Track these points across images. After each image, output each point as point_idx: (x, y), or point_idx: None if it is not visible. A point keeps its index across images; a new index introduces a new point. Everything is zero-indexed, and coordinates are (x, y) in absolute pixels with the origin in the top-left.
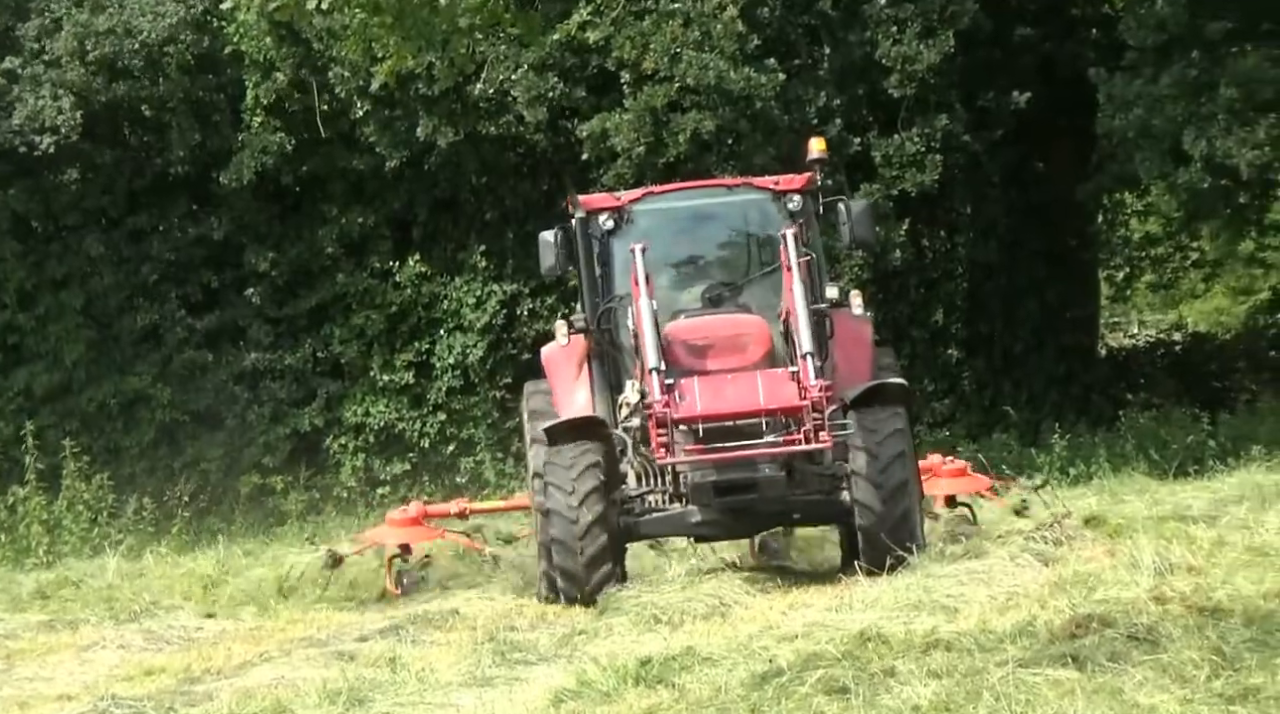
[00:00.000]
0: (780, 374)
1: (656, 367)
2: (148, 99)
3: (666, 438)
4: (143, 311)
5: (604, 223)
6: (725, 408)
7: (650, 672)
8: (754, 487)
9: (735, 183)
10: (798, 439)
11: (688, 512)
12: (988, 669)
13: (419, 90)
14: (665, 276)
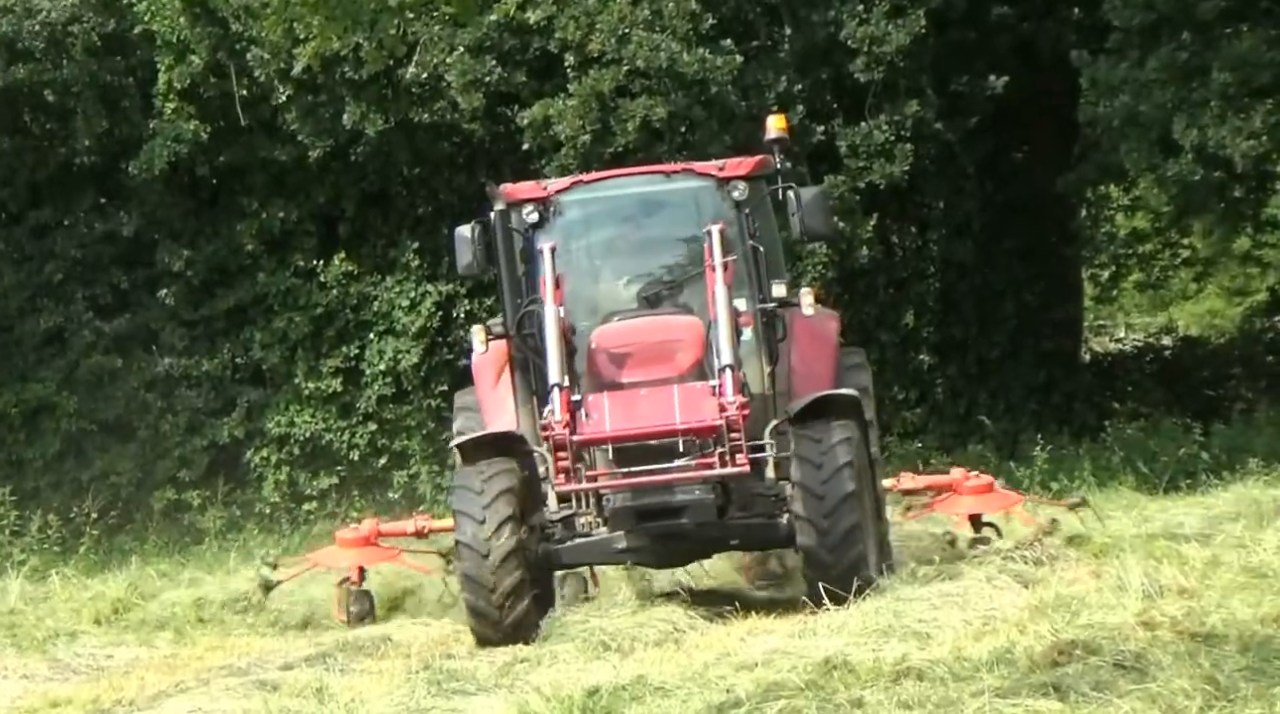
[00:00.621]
0: (700, 389)
1: (558, 383)
2: (50, 83)
3: (567, 462)
4: (47, 313)
5: (528, 215)
6: (636, 427)
7: (598, 703)
8: (681, 511)
9: (675, 169)
10: (713, 461)
11: (613, 538)
12: (963, 700)
13: (345, 74)
14: (597, 275)
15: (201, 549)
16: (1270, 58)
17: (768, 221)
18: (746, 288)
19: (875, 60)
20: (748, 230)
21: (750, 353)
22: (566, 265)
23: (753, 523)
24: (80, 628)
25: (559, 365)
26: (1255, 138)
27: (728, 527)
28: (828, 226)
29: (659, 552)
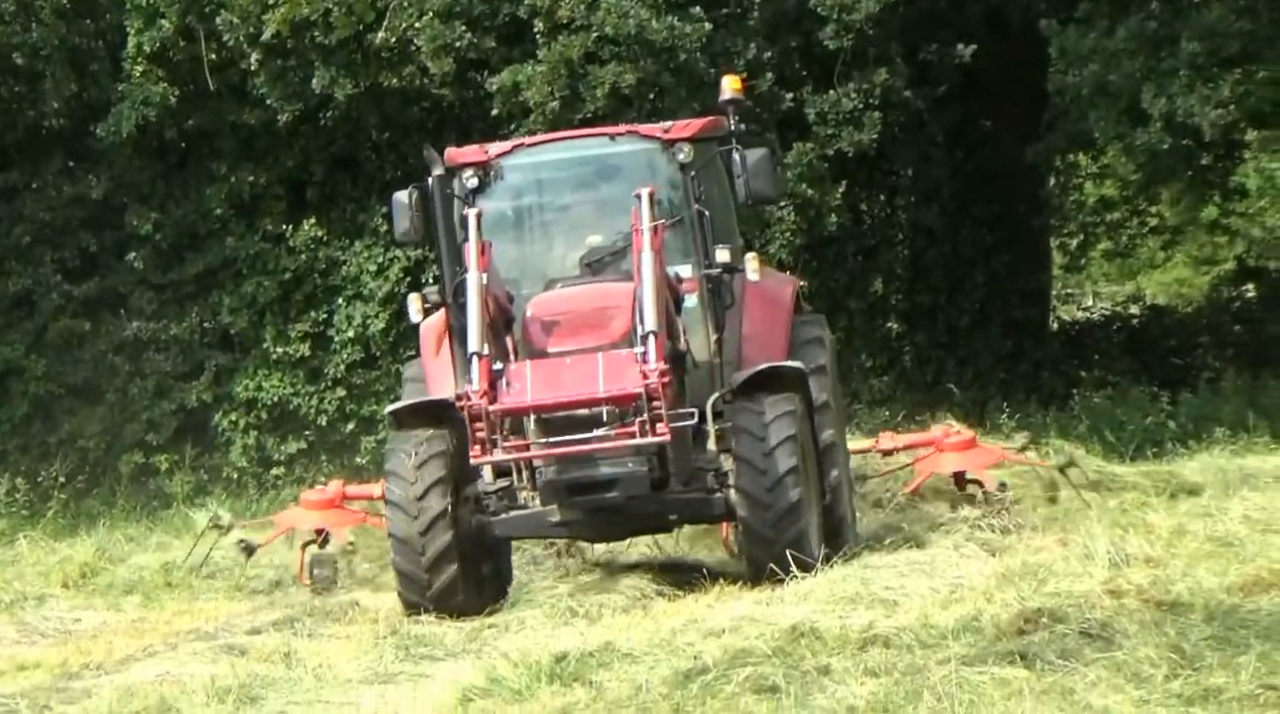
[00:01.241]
0: (625, 356)
1: (477, 351)
2: (19, 46)
3: (484, 433)
4: (14, 277)
5: (467, 180)
6: (558, 396)
7: (565, 669)
8: (612, 484)
9: (619, 131)
10: (632, 431)
11: (547, 511)
12: (929, 667)
13: (315, 39)
14: (539, 241)
15: (169, 513)
16: (1238, 27)
17: (718, 185)
18: (692, 253)
19: (844, 28)
20: (693, 193)
21: (695, 320)
22: (509, 231)
23: (691, 497)
24: (48, 591)
25: (479, 334)
26: (1223, 107)
27: (665, 500)
28: (774, 189)
29: (595, 525)
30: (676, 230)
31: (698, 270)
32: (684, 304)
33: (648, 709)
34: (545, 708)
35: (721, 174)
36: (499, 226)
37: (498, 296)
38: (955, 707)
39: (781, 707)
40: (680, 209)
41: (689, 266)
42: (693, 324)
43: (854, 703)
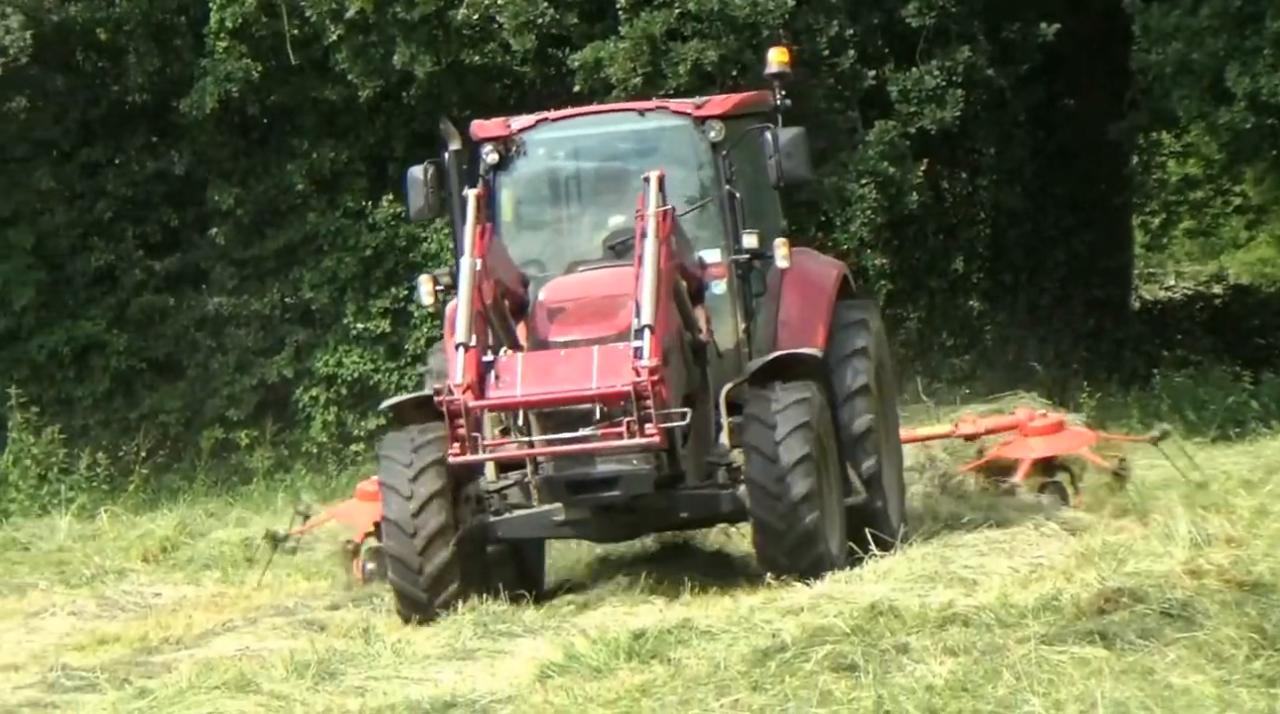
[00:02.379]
0: (622, 350)
1: (464, 342)
2: (103, 21)
3: (464, 430)
4: (97, 252)
5: (487, 156)
6: (548, 392)
7: (644, 646)
8: (614, 482)
9: (649, 106)
10: (620, 431)
11: (552, 510)
12: (1008, 646)
13: (397, 15)
14: (563, 221)
15: (249, 489)
16: None
17: (751, 164)
18: (721, 237)
19: (927, 5)
20: (724, 174)
21: (723, 307)
22: (531, 210)
23: (701, 494)
24: (128, 566)
25: (468, 323)
26: None
27: (674, 498)
28: (808, 170)
29: (601, 525)
30: (706, 213)
31: (726, 255)
32: (711, 291)
33: (726, 687)
34: (623, 685)
35: (757, 152)
36: (521, 205)
37: (506, 282)
38: (1034, 686)
39: (860, 685)
40: (710, 190)
41: (716, 251)
42: (720, 312)
43: (933, 682)
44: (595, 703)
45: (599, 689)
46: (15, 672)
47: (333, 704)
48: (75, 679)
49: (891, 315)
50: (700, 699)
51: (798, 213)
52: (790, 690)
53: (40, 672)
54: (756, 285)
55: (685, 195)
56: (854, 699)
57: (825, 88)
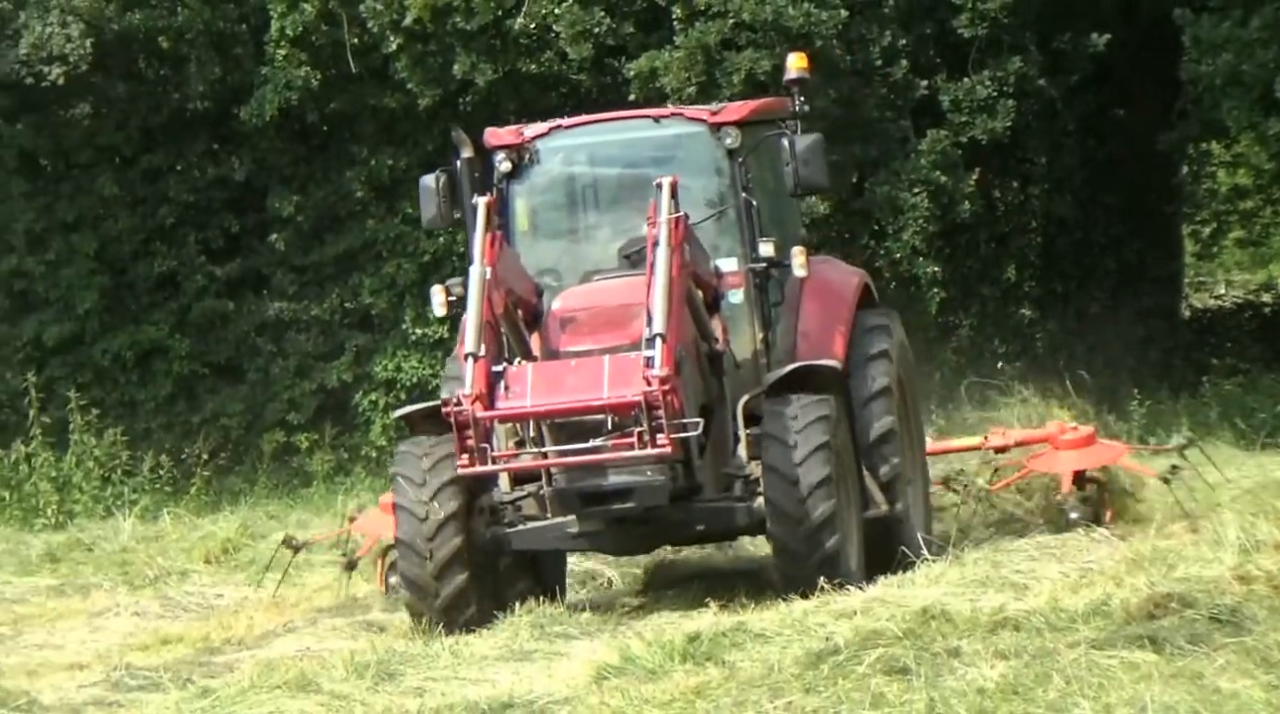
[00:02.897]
0: (633, 360)
1: (473, 352)
2: (165, 30)
3: (472, 441)
4: (160, 257)
5: (500, 164)
6: (558, 402)
7: (699, 648)
8: (628, 494)
9: (664, 113)
10: (630, 442)
11: (566, 522)
12: (1059, 650)
13: (455, 24)
14: (578, 230)
15: (310, 491)
16: None
17: (770, 171)
18: (738, 246)
19: (979, 16)
20: (740, 181)
21: (741, 317)
22: (546, 219)
23: (717, 506)
24: (190, 567)
25: (476, 333)
26: None
27: (690, 510)
28: (825, 178)
29: (616, 537)
30: (724, 221)
31: (743, 264)
32: (728, 300)
33: (779, 689)
34: (679, 687)
35: (774, 159)
36: (535, 214)
37: (519, 291)
38: (1084, 689)
39: (912, 688)
40: (726, 198)
41: (733, 260)
42: (737, 321)
43: (984, 685)
44: (650, 704)
45: (654, 691)
46: (80, 670)
47: (392, 704)
48: (139, 678)
49: (943, 323)
50: (754, 701)
51: (851, 221)
52: (843, 693)
53: (105, 671)
54: (774, 294)
55: (701, 203)
56: (906, 702)
57: (878, 97)
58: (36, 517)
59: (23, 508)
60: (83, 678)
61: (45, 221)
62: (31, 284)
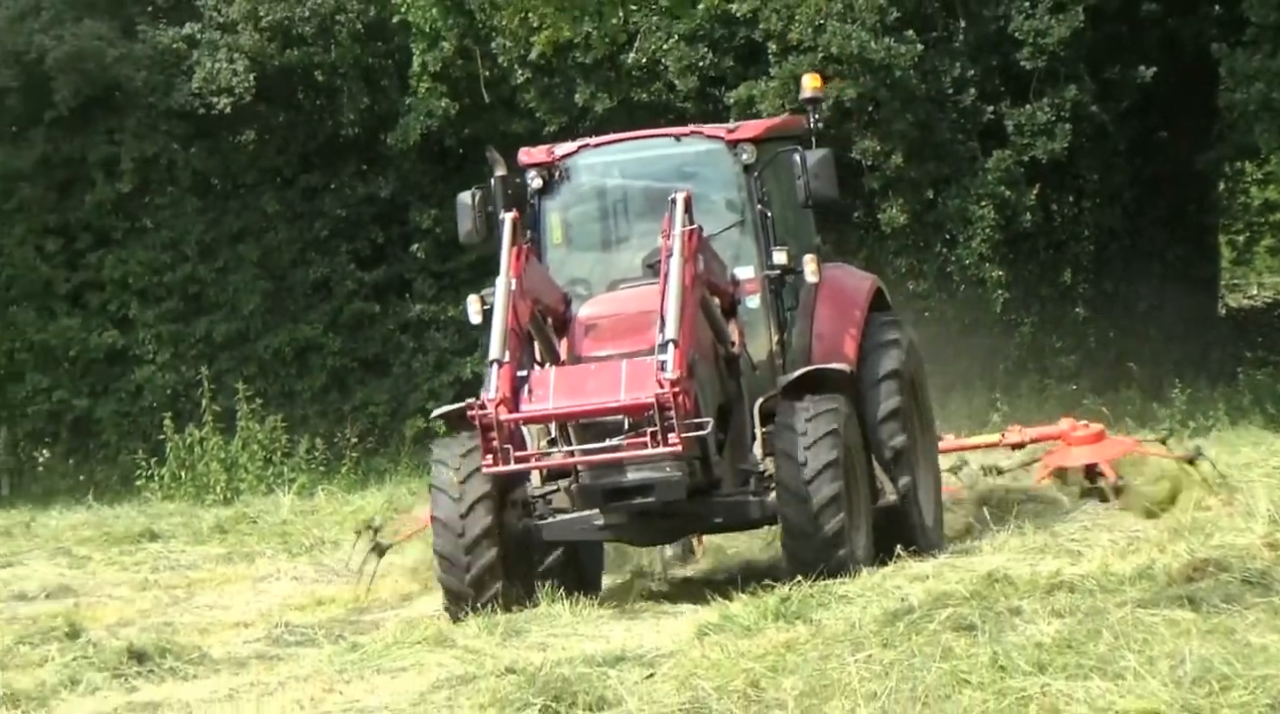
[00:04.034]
0: (648, 364)
1: (498, 359)
2: (320, 65)
3: (495, 443)
4: (315, 265)
5: (531, 181)
6: (578, 405)
7: (789, 608)
8: (649, 489)
9: (684, 132)
10: (644, 441)
11: (593, 514)
12: (1108, 609)
13: (576, 59)
14: (606, 242)
15: None
16: None
17: (783, 184)
18: (755, 255)
19: (1039, 50)
20: (755, 194)
21: (757, 321)
22: (575, 232)
23: (732, 501)
24: (342, 537)
25: (501, 340)
26: None
27: (708, 504)
28: (834, 190)
29: (639, 528)
30: (741, 231)
31: (760, 272)
32: (746, 305)
33: (860, 644)
34: (771, 642)
35: (788, 174)
36: (566, 227)
37: (546, 301)
38: (1130, 644)
39: (978, 643)
40: (742, 210)
41: (750, 268)
42: (754, 325)
43: (1041, 640)
44: (746, 657)
45: (749, 645)
46: (245, 628)
47: (518, 657)
48: (296, 635)
49: (1007, 321)
50: (837, 654)
51: (926, 231)
52: (916, 647)
53: (266, 628)
54: (789, 300)
55: (720, 215)
56: (972, 655)
57: (950, 121)
58: (207, 493)
59: (195, 485)
60: (247, 634)
61: (215, 234)
62: (203, 288)
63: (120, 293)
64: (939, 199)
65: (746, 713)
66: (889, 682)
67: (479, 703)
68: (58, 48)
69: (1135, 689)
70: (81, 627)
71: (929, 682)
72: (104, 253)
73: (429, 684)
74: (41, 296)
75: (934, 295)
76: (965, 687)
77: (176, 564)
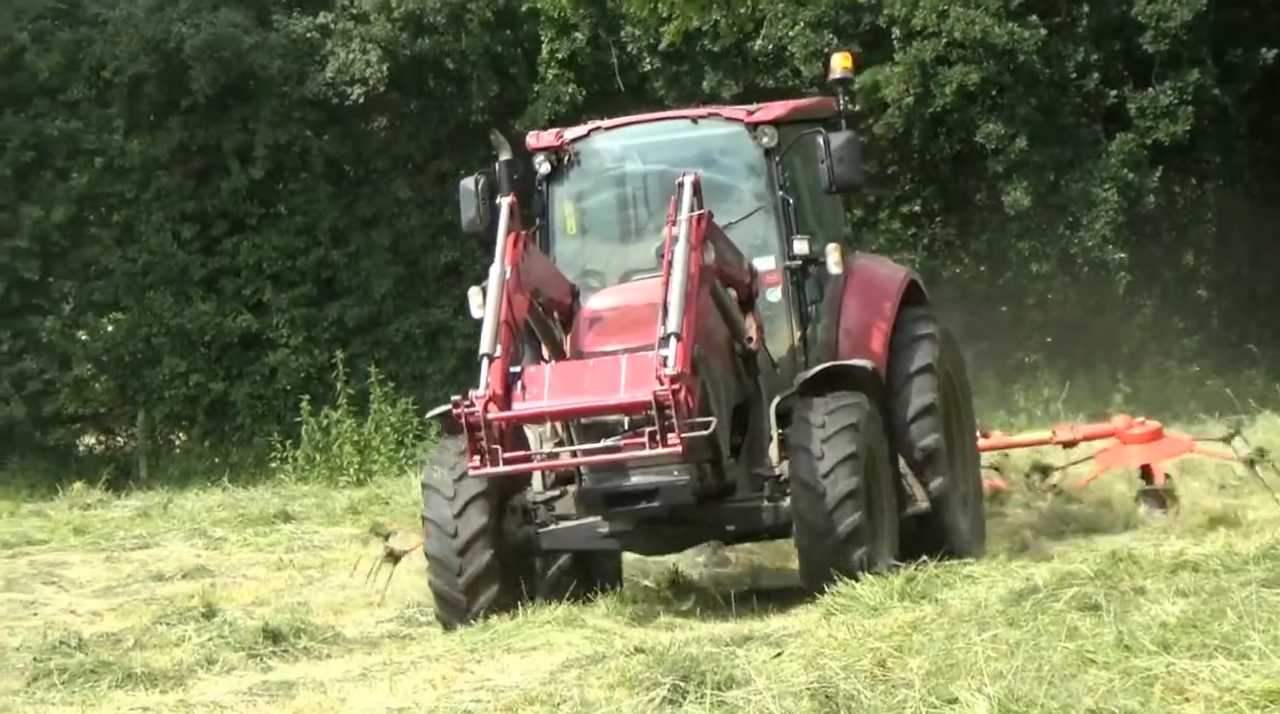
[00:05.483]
0: (650, 359)
1: (489, 353)
2: (450, 53)
3: (484, 443)
4: (445, 250)
5: (539, 166)
6: (574, 403)
7: (915, 588)
8: (654, 494)
9: (702, 114)
10: (640, 442)
11: (597, 522)
12: (1232, 589)
13: (704, 46)
14: (619, 230)
15: None
16: None
17: (807, 169)
18: (776, 244)
19: (1161, 34)
20: (777, 180)
21: (778, 315)
22: (586, 220)
23: (743, 506)
24: None
25: (493, 334)
26: None
27: (720, 510)
28: (859, 175)
29: (647, 537)
30: (763, 219)
31: (780, 262)
32: (766, 298)
33: (986, 623)
34: (897, 621)
35: (811, 159)
36: (576, 215)
37: (549, 292)
38: (1255, 624)
39: (1102, 622)
40: (763, 196)
41: (770, 259)
42: (776, 319)
43: (1166, 619)
44: (872, 637)
45: (875, 625)
46: (378, 608)
47: (647, 637)
48: (428, 615)
49: (1129, 302)
50: (964, 634)
51: (1050, 213)
52: (1042, 626)
53: (399, 608)
54: (813, 293)
55: (740, 201)
56: (1097, 634)
57: (1073, 105)
58: (341, 475)
59: (329, 467)
60: (380, 614)
61: (348, 219)
62: (336, 273)
63: (255, 278)
64: (1062, 182)
65: (873, 692)
66: (1015, 661)
67: (608, 682)
68: (195, 36)
69: (1260, 669)
70: (217, 607)
71: (1054, 661)
72: (239, 239)
73: (559, 663)
74: (178, 282)
75: (1057, 277)
76: (1090, 666)
77: (310, 545)
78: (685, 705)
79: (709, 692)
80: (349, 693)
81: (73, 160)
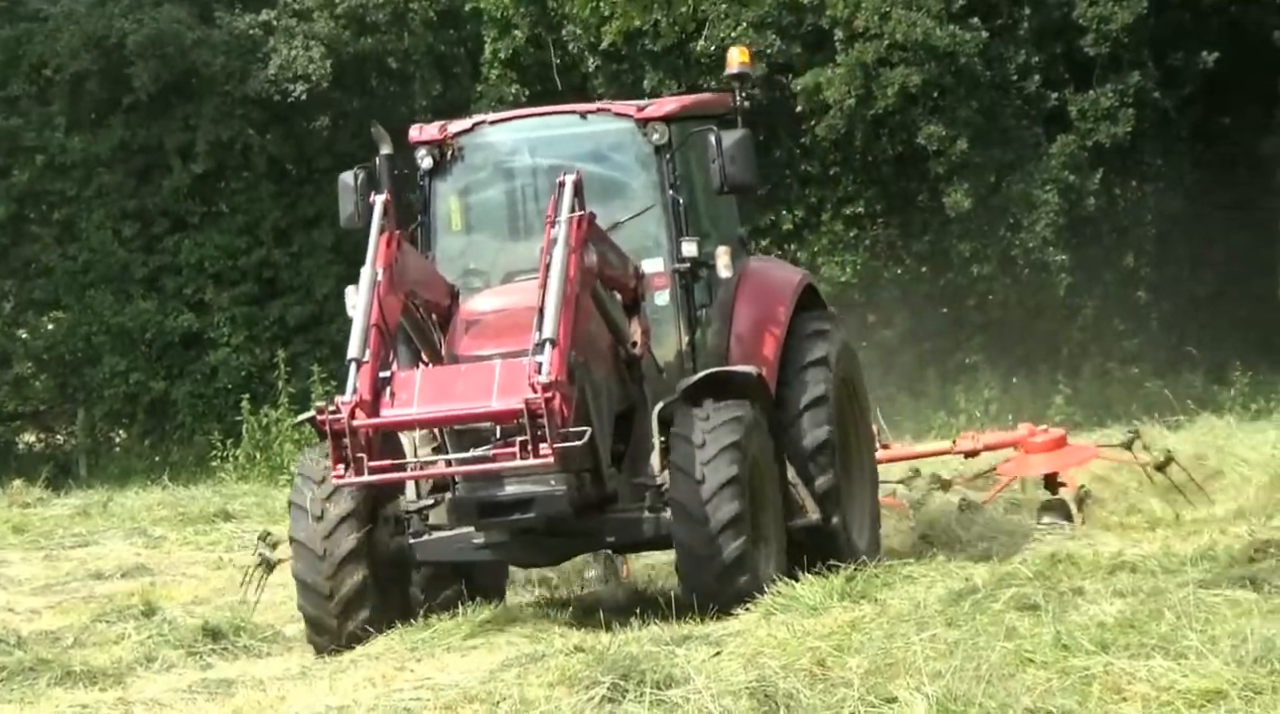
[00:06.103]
0: (524, 366)
1: (356, 358)
2: (393, 51)
3: (348, 451)
4: None
5: (421, 160)
6: (444, 410)
7: (854, 588)
8: (529, 504)
9: (591, 109)
10: (511, 452)
11: (471, 532)
12: (1170, 590)
13: (645, 46)
14: (502, 229)
15: None
16: None
17: (703, 169)
18: (665, 246)
19: (1102, 36)
20: (668, 179)
21: (666, 319)
22: (468, 217)
23: (623, 518)
24: None
25: (361, 337)
26: None
27: (599, 520)
28: (752, 176)
29: (523, 548)
30: (653, 220)
31: (669, 264)
32: (654, 302)
33: (925, 623)
34: (836, 621)
35: (704, 157)
36: (459, 212)
37: (425, 294)
38: (1192, 624)
39: (1041, 622)
40: (653, 196)
41: (659, 261)
42: (663, 324)
43: (1104, 619)
44: (812, 636)
45: (815, 624)
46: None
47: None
48: None
49: (1070, 304)
50: (902, 633)
51: (990, 215)
52: (980, 626)
53: None
54: (702, 296)
55: (629, 200)
56: (1035, 634)
57: (1014, 107)
58: (282, 474)
59: (270, 466)
60: None
61: (290, 218)
62: (278, 272)
63: (196, 276)
64: (1003, 184)
65: (813, 691)
66: (953, 660)
67: (548, 680)
68: (137, 32)
69: (1197, 668)
70: (157, 605)
71: (993, 660)
72: (180, 237)
73: (499, 662)
74: (119, 280)
75: (998, 279)
76: (1029, 665)
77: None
78: (625, 704)
79: (648, 690)
80: (289, 691)
81: (13, 158)
